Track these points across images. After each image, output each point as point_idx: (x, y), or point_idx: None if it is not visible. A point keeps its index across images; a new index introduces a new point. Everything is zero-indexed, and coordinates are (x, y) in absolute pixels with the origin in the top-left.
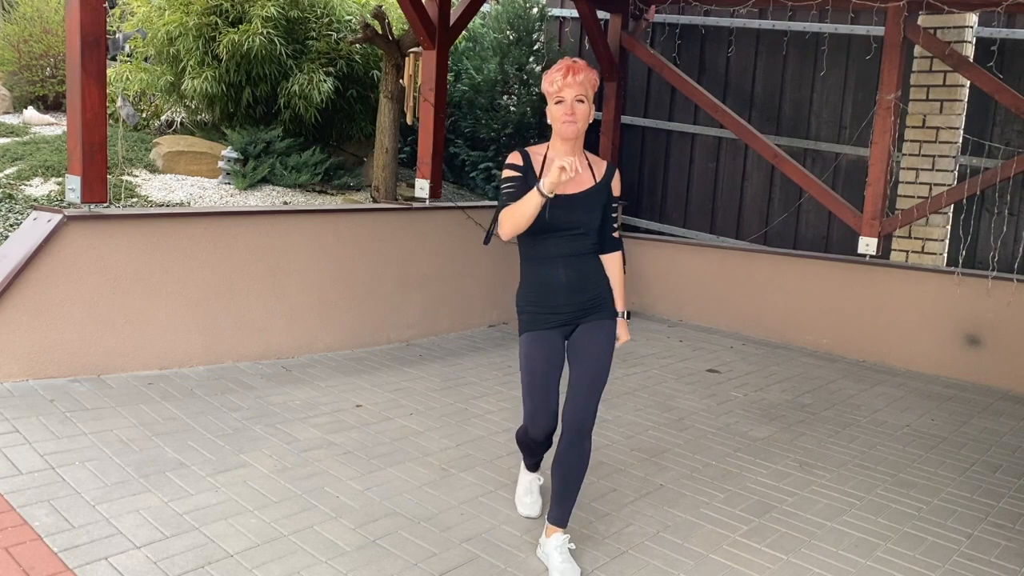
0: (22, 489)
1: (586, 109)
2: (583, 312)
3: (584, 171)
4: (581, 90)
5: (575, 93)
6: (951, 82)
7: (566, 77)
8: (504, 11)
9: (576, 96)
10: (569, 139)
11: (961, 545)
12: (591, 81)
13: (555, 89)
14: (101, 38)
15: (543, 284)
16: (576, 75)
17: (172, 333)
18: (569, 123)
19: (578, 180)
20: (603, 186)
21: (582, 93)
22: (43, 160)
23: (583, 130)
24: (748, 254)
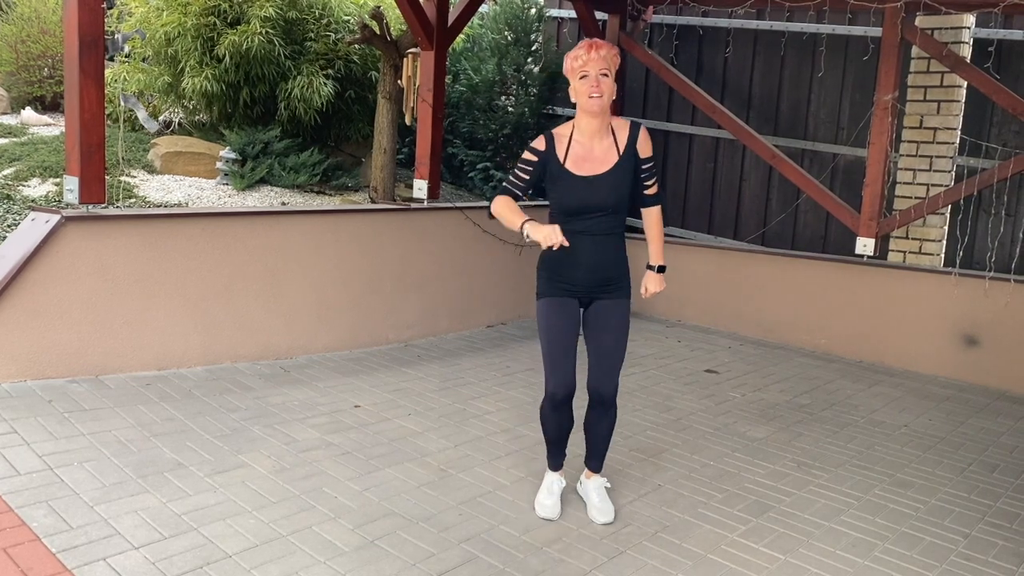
0: (20, 490)
1: (610, 83)
2: (599, 289)
3: (610, 148)
4: (604, 64)
5: (599, 67)
6: (948, 83)
7: (590, 52)
8: (502, 12)
9: (600, 70)
10: (595, 114)
11: (959, 545)
12: (613, 57)
13: (579, 64)
14: (99, 39)
15: (565, 259)
16: (599, 50)
17: (170, 334)
18: (595, 97)
19: (603, 159)
20: (628, 156)
21: (605, 67)
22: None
23: (607, 104)
24: (746, 254)
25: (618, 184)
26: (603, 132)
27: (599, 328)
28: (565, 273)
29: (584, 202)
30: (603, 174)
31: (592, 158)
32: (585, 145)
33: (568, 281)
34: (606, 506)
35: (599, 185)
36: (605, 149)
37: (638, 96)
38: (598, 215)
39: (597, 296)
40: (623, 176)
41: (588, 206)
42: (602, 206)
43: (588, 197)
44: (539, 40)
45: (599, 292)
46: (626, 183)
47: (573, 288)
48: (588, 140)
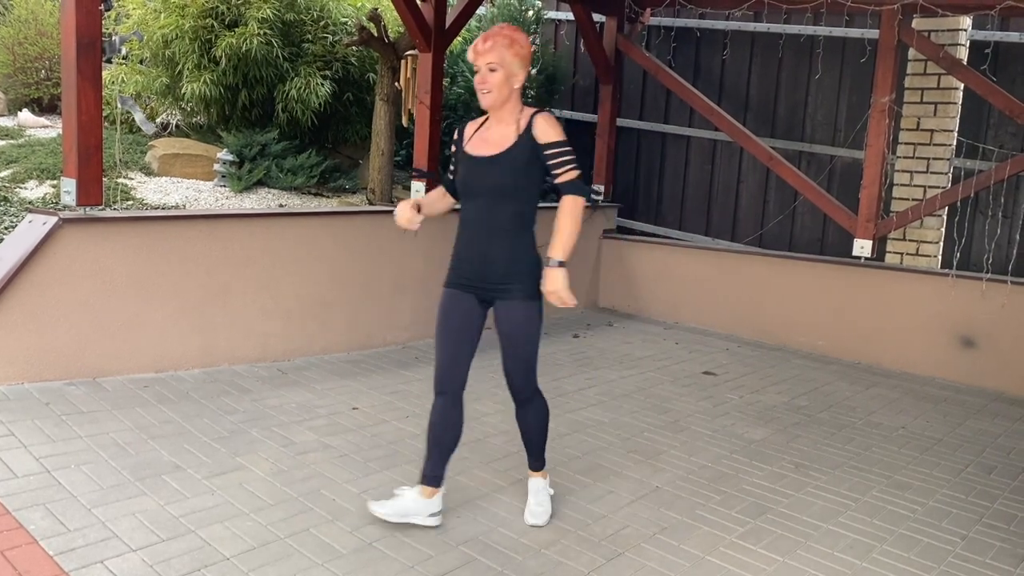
0: (17, 492)
1: (501, 77)
2: (495, 289)
3: (508, 132)
4: (493, 57)
5: (487, 61)
6: (945, 85)
7: (476, 46)
8: (500, 14)
9: (488, 64)
10: (489, 108)
11: (956, 546)
12: (507, 46)
13: (472, 57)
14: (96, 41)
15: (459, 248)
16: (486, 42)
17: (168, 336)
18: (484, 90)
19: (497, 140)
20: (524, 141)
21: (495, 60)
22: (38, 163)
23: (500, 100)
24: (744, 256)
25: (505, 168)
26: (508, 120)
27: (501, 333)
28: (459, 263)
29: (468, 182)
30: (492, 155)
31: (489, 141)
32: (488, 131)
33: (460, 272)
34: (540, 509)
35: (486, 166)
36: (503, 134)
37: (635, 98)
38: (486, 198)
39: (495, 295)
40: (514, 160)
41: (472, 187)
42: (486, 189)
43: (473, 177)
44: (537, 42)
45: (493, 290)
46: (515, 169)
47: (465, 281)
48: (492, 127)
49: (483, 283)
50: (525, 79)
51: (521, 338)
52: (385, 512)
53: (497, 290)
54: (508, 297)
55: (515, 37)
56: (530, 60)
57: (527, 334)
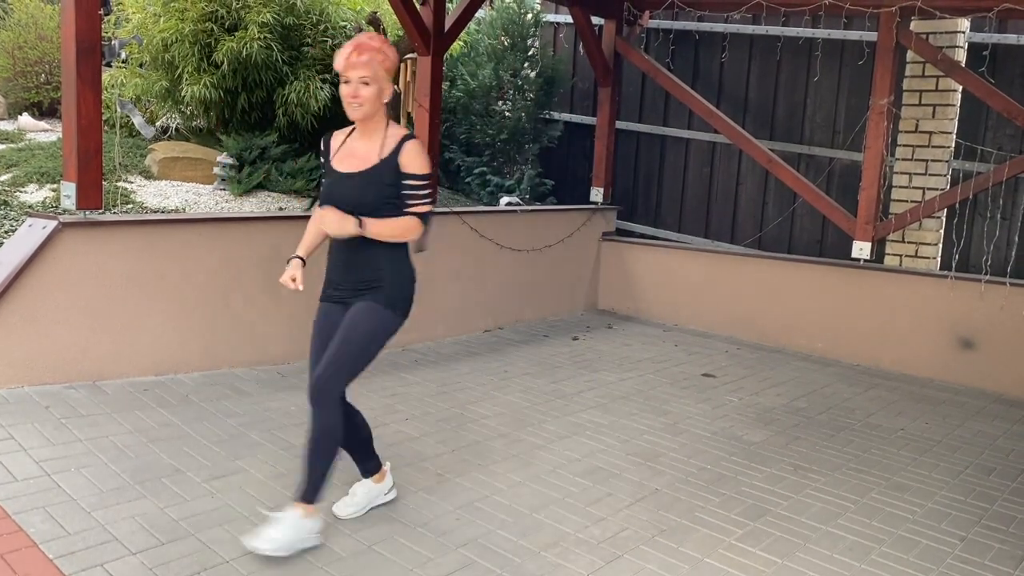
0: (17, 496)
1: (374, 91)
2: (356, 293)
3: (373, 149)
4: (366, 71)
5: (359, 74)
6: (943, 87)
7: (349, 57)
8: (499, 17)
9: (360, 77)
10: (358, 120)
11: (955, 548)
12: (379, 62)
13: (340, 68)
14: (96, 44)
15: (330, 258)
16: (360, 55)
17: (168, 339)
18: (353, 105)
19: (364, 157)
20: (387, 163)
21: (368, 75)
22: (38, 166)
23: (372, 112)
24: (743, 258)
25: (367, 186)
26: (374, 134)
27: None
28: (329, 274)
29: (331, 198)
30: (355, 172)
31: (356, 156)
32: (355, 144)
33: (330, 283)
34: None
35: (349, 183)
36: (368, 149)
37: (634, 101)
38: (347, 211)
39: (356, 298)
40: (374, 180)
41: (337, 201)
42: (347, 203)
43: (337, 193)
44: (536, 45)
45: (357, 295)
46: (376, 190)
47: (334, 292)
48: (359, 139)
49: (350, 288)
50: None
51: (355, 333)
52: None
53: (362, 294)
54: (367, 299)
55: (387, 52)
56: (394, 71)
57: (361, 332)
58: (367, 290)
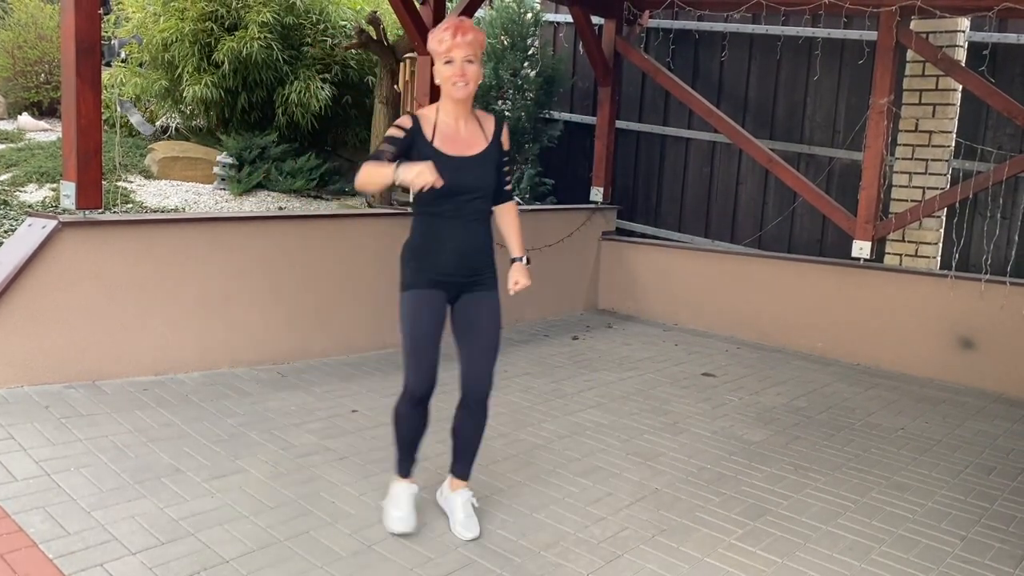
0: (17, 496)
1: (476, 70)
2: (468, 282)
3: (476, 132)
4: (471, 50)
5: (464, 53)
6: (943, 86)
7: (455, 37)
8: (499, 16)
9: (465, 56)
10: (460, 100)
11: (955, 547)
12: (480, 42)
13: (444, 48)
14: (96, 44)
15: (433, 245)
16: (465, 35)
17: (167, 339)
18: (460, 84)
19: (471, 142)
20: (495, 145)
21: (471, 53)
22: (38, 166)
23: (473, 91)
24: (743, 258)
25: (486, 168)
26: (468, 116)
27: (471, 324)
28: (434, 261)
29: (456, 183)
30: (473, 156)
31: (460, 140)
32: (452, 127)
33: (437, 270)
34: (471, 522)
35: (471, 166)
36: (471, 133)
37: (634, 100)
38: (468, 197)
39: (467, 289)
40: (490, 161)
41: (460, 187)
42: (473, 188)
43: (460, 178)
44: (535, 44)
45: (468, 284)
46: (492, 169)
47: (442, 278)
48: (454, 122)
49: (464, 276)
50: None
51: (498, 330)
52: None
53: (478, 281)
54: (487, 288)
55: (483, 36)
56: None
57: (500, 326)
58: (480, 277)
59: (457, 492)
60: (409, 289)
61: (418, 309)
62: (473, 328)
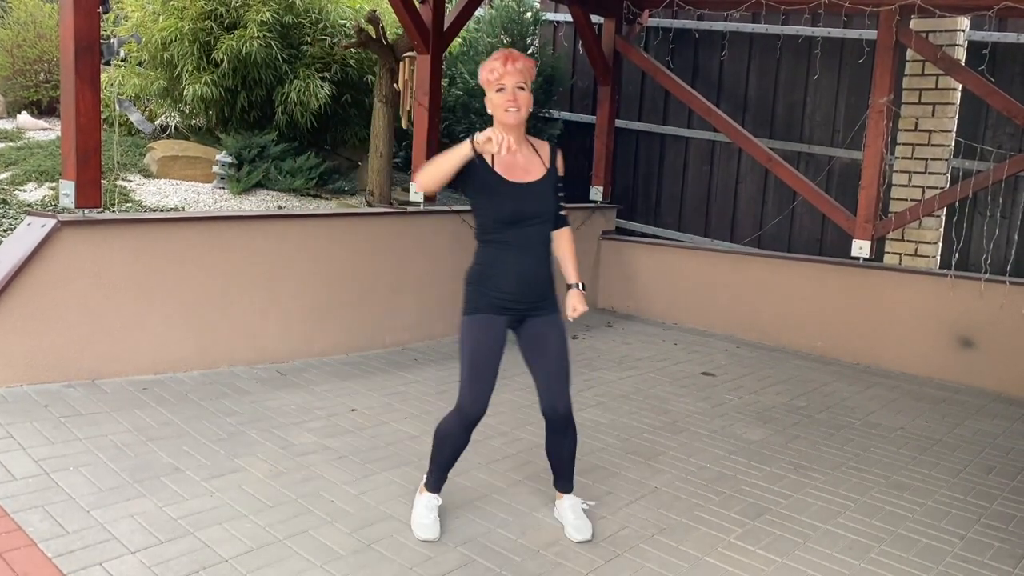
0: (16, 495)
1: (527, 96)
2: (533, 306)
3: (533, 157)
4: (521, 77)
5: (515, 80)
6: (943, 85)
7: (505, 65)
8: (498, 15)
9: (516, 83)
10: (512, 125)
11: (955, 547)
12: (529, 69)
13: (495, 77)
14: (95, 43)
15: (499, 272)
16: (515, 63)
17: (167, 338)
18: (512, 110)
19: (531, 168)
20: (553, 172)
21: (522, 80)
22: (37, 165)
23: (525, 117)
24: (742, 257)
25: (548, 193)
26: (521, 142)
27: (542, 349)
28: (500, 287)
29: (520, 209)
30: (534, 182)
31: (519, 166)
32: (509, 154)
33: (501, 295)
34: (583, 523)
35: (533, 192)
36: (528, 158)
37: (634, 99)
38: (532, 223)
39: (530, 314)
40: (551, 187)
41: (524, 213)
42: (537, 214)
43: (523, 204)
44: (535, 44)
45: (532, 309)
46: (552, 195)
47: (506, 304)
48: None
49: (529, 302)
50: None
51: (567, 351)
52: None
53: (542, 306)
54: (552, 312)
55: (533, 64)
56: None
57: (568, 347)
58: (544, 302)
59: (564, 499)
60: (472, 314)
61: (480, 334)
62: (545, 352)
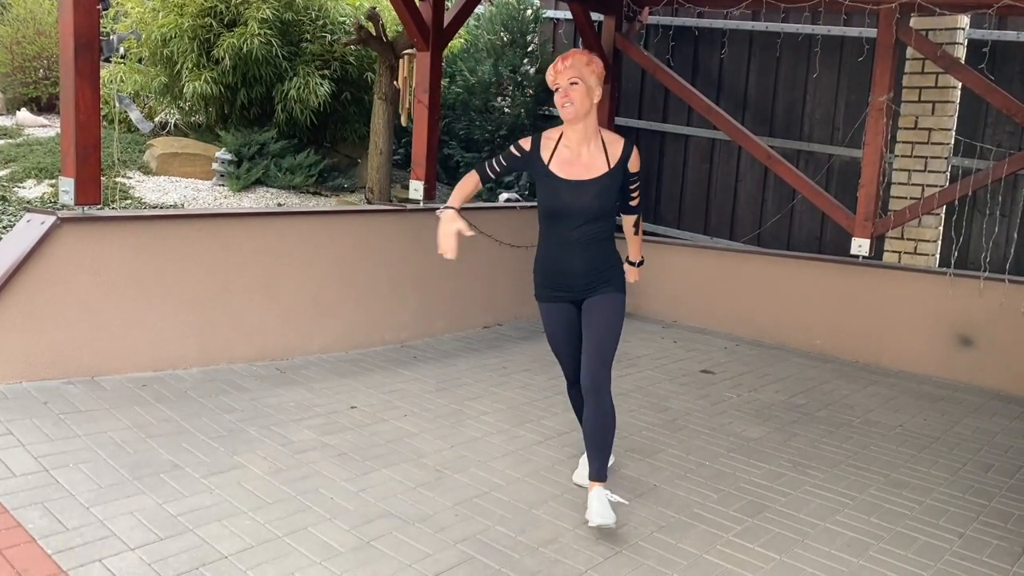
0: (16, 491)
1: (582, 90)
2: (594, 287)
3: (597, 156)
4: (573, 72)
5: (568, 77)
6: (943, 84)
7: (558, 65)
8: (498, 13)
9: (569, 79)
10: (571, 122)
11: (953, 544)
12: (585, 64)
13: (552, 79)
14: (95, 40)
15: (553, 264)
16: (566, 60)
17: (166, 335)
18: (565, 105)
19: (591, 165)
20: (618, 170)
21: (575, 75)
22: (36, 162)
23: (582, 112)
24: (742, 255)
25: (602, 192)
26: (589, 139)
27: (588, 325)
28: (551, 277)
29: (567, 206)
30: (589, 180)
31: (579, 163)
32: (572, 150)
33: (556, 287)
34: (605, 510)
35: (584, 190)
36: (592, 156)
37: (634, 97)
38: (579, 220)
39: (591, 293)
40: (610, 186)
41: (571, 210)
42: (585, 211)
43: (572, 201)
44: (535, 41)
45: (592, 290)
46: (611, 193)
47: (559, 292)
48: (575, 146)
49: (583, 289)
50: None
51: (611, 329)
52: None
53: (598, 288)
54: (608, 291)
55: (592, 57)
56: (603, 79)
57: (616, 324)
58: (601, 284)
59: (592, 488)
60: (538, 300)
61: (547, 319)
62: (589, 327)
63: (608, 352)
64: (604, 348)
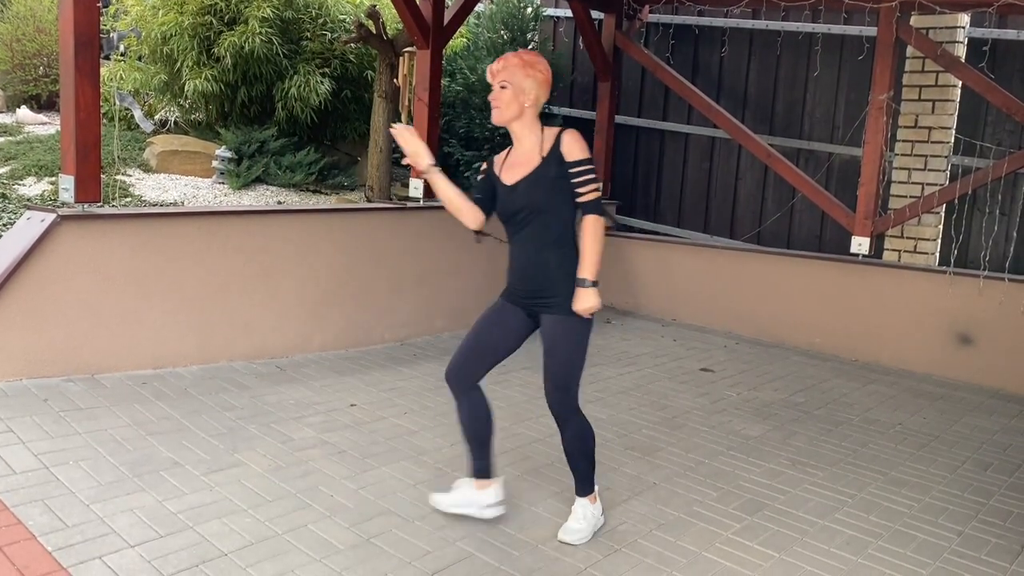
0: (16, 488)
1: (509, 94)
2: (537, 302)
3: (533, 152)
4: (504, 76)
5: (498, 80)
6: (943, 82)
7: (493, 67)
8: (498, 11)
9: (499, 83)
10: (500, 123)
11: (952, 542)
12: (520, 66)
13: (490, 79)
14: (95, 37)
15: (509, 264)
16: (499, 64)
17: (166, 333)
18: (494, 110)
19: (526, 164)
20: (550, 160)
21: (505, 79)
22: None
23: (508, 115)
24: (741, 254)
25: (534, 188)
26: (526, 138)
27: (544, 347)
28: (509, 278)
29: (505, 208)
30: (522, 178)
31: (517, 164)
32: (515, 153)
33: (510, 287)
34: (573, 524)
35: (519, 188)
36: (528, 154)
37: (634, 95)
38: (521, 219)
39: (537, 309)
40: (541, 179)
41: (509, 211)
42: (518, 209)
43: (510, 202)
44: (535, 39)
45: (536, 305)
46: (543, 187)
47: (514, 295)
48: (516, 148)
49: (527, 297)
50: (542, 100)
51: (562, 353)
52: (444, 503)
53: (545, 304)
54: (556, 312)
55: (528, 60)
56: (548, 82)
57: (566, 349)
58: (547, 300)
59: (576, 502)
60: (500, 296)
61: (486, 312)
62: (545, 351)
63: (560, 378)
64: (554, 373)
